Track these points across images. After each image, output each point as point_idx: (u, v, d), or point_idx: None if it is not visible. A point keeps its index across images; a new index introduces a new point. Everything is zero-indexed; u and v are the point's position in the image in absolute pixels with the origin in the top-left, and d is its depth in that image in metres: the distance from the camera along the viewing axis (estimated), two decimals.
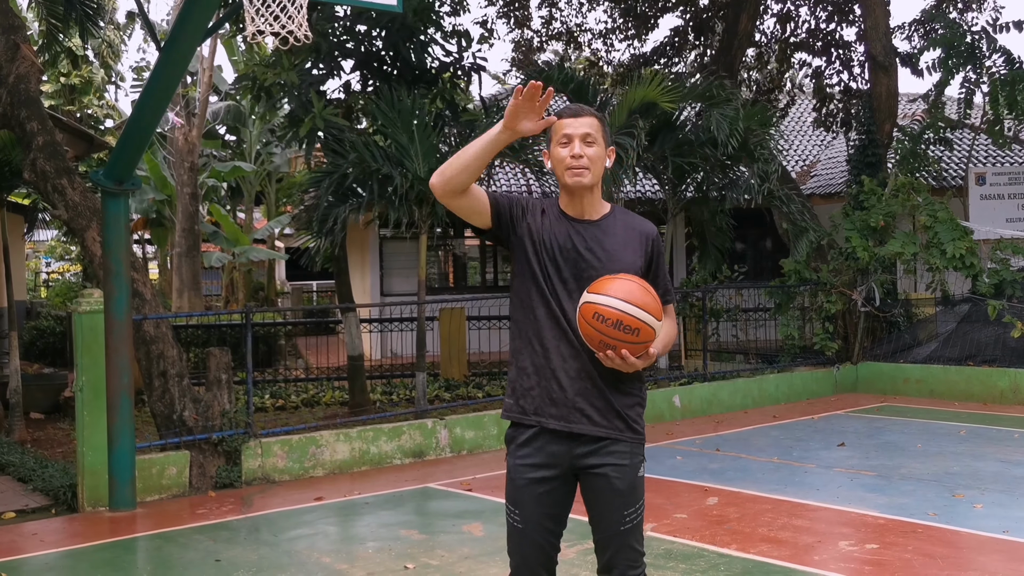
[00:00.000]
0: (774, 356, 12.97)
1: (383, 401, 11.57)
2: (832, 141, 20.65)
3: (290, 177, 24.80)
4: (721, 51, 15.43)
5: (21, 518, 6.96)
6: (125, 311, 7.09)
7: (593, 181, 3.03)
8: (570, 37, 18.68)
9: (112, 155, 7.35)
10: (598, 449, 2.99)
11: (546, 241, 3.02)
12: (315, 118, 9.59)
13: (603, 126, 3.06)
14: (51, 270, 35.41)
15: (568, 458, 3.00)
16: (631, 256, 3.03)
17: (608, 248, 3.02)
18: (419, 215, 9.70)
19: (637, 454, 3.03)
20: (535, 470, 3.01)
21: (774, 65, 17.99)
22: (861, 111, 14.58)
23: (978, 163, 17.66)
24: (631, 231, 3.07)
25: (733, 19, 15.18)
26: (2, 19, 8.11)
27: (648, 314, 2.86)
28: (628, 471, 3.00)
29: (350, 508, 7.08)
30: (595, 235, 3.04)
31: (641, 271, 3.03)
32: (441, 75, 10.71)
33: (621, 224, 3.08)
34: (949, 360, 11.92)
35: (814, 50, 17.24)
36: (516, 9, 17.53)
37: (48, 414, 11.43)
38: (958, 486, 7.10)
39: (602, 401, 2.99)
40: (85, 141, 11.44)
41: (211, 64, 18.87)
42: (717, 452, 8.68)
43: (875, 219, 12.08)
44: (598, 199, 3.09)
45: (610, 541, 3.02)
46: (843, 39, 17.02)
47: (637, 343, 2.86)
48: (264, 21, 5.24)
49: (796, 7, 17.32)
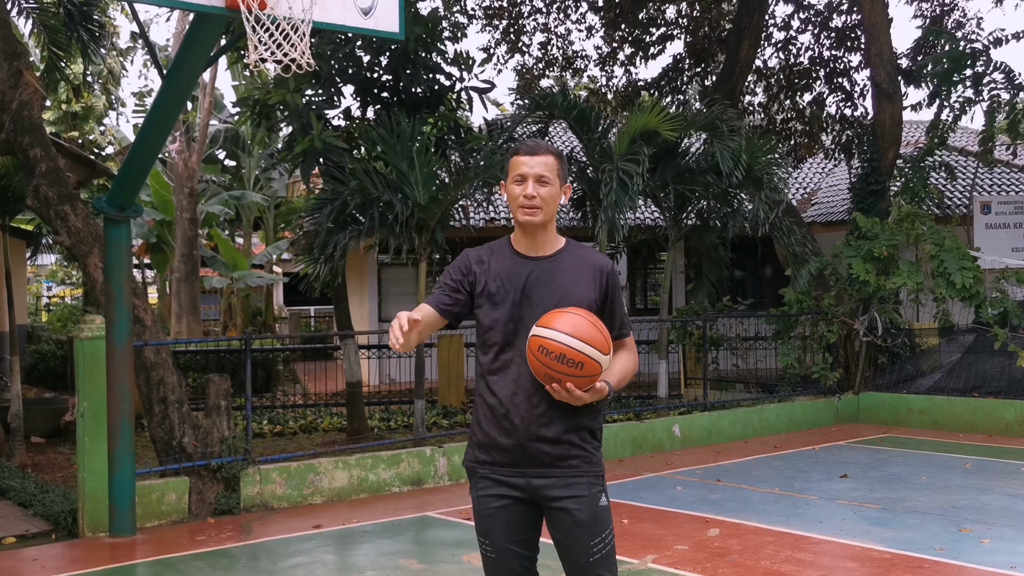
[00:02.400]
0: (774, 385, 12.92)
1: (381, 428, 11.53)
2: (833, 168, 20.61)
3: (289, 203, 24.89)
4: (722, 78, 15.49)
5: (22, 543, 6.94)
6: (126, 337, 7.08)
7: (545, 219, 3.09)
8: (567, 63, 18.77)
9: (115, 182, 7.37)
10: (555, 483, 3.03)
11: (497, 284, 3.08)
12: (314, 139, 9.64)
13: (559, 164, 3.11)
14: (52, 294, 35.40)
15: (528, 489, 3.06)
16: (584, 290, 3.06)
17: (560, 283, 3.06)
18: (419, 242, 9.71)
19: (595, 484, 3.05)
20: (498, 500, 3.08)
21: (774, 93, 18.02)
22: (864, 138, 14.51)
23: (983, 191, 17.55)
24: (584, 265, 3.11)
25: (735, 46, 15.25)
26: (5, 46, 8.15)
27: (593, 348, 2.89)
28: (588, 502, 3.02)
29: (349, 536, 7.03)
30: (548, 270, 3.09)
31: (596, 305, 3.06)
32: (442, 99, 10.75)
33: (575, 259, 3.12)
34: (953, 391, 11.75)
35: (816, 77, 17.28)
36: (512, 34, 17.62)
37: (49, 438, 11.40)
38: (964, 520, 7.02)
39: (553, 432, 3.01)
40: (87, 167, 11.48)
41: (212, 89, 18.96)
42: (718, 482, 8.62)
43: (879, 248, 11.95)
44: (552, 235, 3.15)
45: (580, 573, 3.06)
46: (847, 66, 17.04)
47: (581, 377, 2.89)
48: (267, 48, 5.26)
49: (798, 34, 17.40)
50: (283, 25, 5.25)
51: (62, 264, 29.42)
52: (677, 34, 17.79)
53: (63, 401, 12.11)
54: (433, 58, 10.47)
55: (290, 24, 5.27)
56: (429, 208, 9.37)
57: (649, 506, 7.71)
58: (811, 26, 17.17)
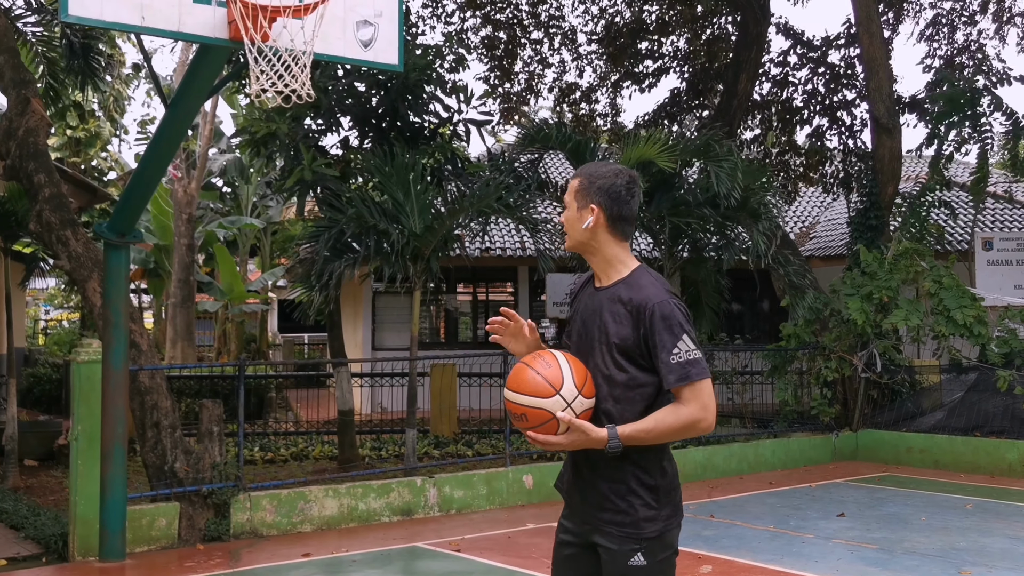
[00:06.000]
0: (770, 420, 12.82)
1: (372, 457, 11.50)
2: (832, 202, 20.61)
3: (284, 230, 24.99)
4: (720, 111, 15.60)
5: (12, 566, 6.93)
6: (122, 362, 7.10)
7: (572, 244, 2.99)
8: (562, 95, 18.91)
9: (116, 208, 7.43)
10: (593, 529, 2.91)
11: (575, 320, 3.03)
12: (304, 170, 9.70)
13: (578, 185, 2.96)
14: (50, 318, 35.38)
15: (582, 531, 2.96)
16: (623, 331, 2.84)
17: (604, 318, 2.89)
18: (414, 271, 9.75)
19: (627, 542, 2.83)
20: (563, 531, 3.02)
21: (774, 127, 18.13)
22: (863, 173, 14.49)
23: (985, 228, 17.32)
24: (629, 302, 2.86)
25: (732, 80, 15.36)
26: (13, 74, 8.26)
27: (530, 396, 2.80)
28: (617, 556, 2.84)
29: (337, 565, 7.01)
30: (600, 303, 2.93)
31: (639, 347, 2.83)
32: (439, 131, 10.83)
33: (623, 291, 2.88)
34: (955, 430, 11.49)
35: (813, 113, 17.39)
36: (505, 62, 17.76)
37: (42, 461, 11.39)
38: (964, 563, 6.90)
39: (586, 484, 2.93)
40: (88, 193, 11.56)
41: (212, 118, 19.11)
42: (711, 519, 8.56)
43: (878, 293, 11.76)
44: (606, 262, 2.95)
45: None
46: (844, 100, 17.15)
47: (529, 427, 2.84)
48: (268, 80, 5.33)
49: (794, 70, 17.53)
50: (284, 57, 5.32)
51: (61, 288, 29.43)
52: (675, 67, 17.93)
53: (57, 424, 12.09)
54: (432, 90, 10.56)
55: (291, 56, 5.34)
56: (424, 237, 9.42)
57: None
58: (806, 61, 17.31)
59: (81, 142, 25.31)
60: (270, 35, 5.32)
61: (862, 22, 14.02)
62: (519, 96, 18.37)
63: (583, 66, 18.58)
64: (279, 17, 5.31)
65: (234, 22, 5.27)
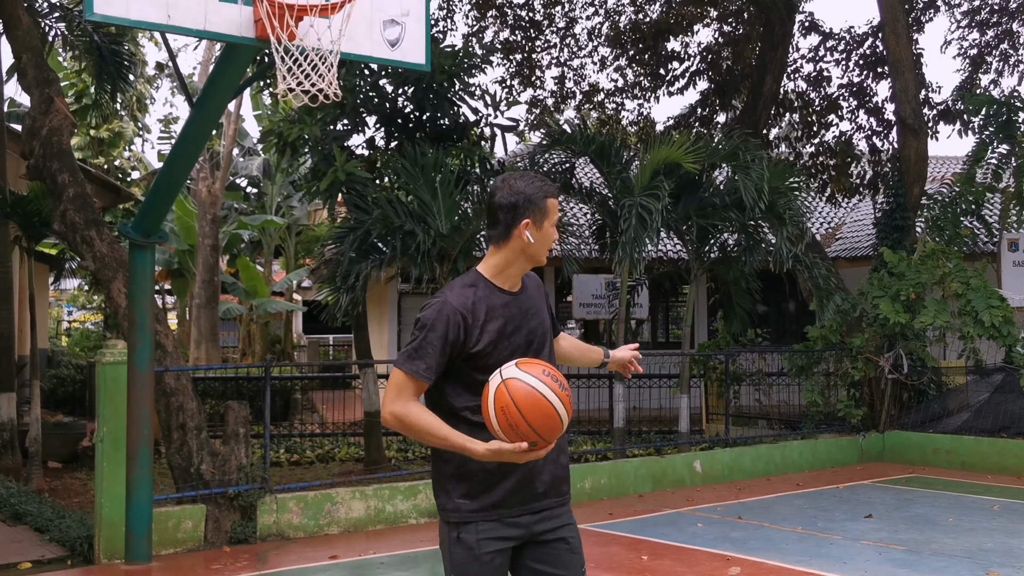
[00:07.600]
0: (798, 422, 12.74)
1: (399, 458, 11.46)
2: (858, 203, 20.48)
3: (309, 230, 25.01)
4: (745, 112, 15.49)
5: (37, 568, 6.90)
6: (148, 363, 7.07)
7: None
8: (586, 97, 18.82)
9: (141, 208, 7.41)
10: (549, 515, 3.02)
11: (493, 327, 2.99)
12: (337, 171, 9.66)
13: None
14: (73, 319, 35.59)
15: (528, 529, 3.01)
16: (544, 311, 3.17)
17: (539, 310, 3.13)
18: (440, 271, 9.70)
19: None
20: (501, 542, 2.98)
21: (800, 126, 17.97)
22: (890, 174, 14.40)
23: (1012, 228, 17.31)
24: (536, 289, 3.17)
25: (758, 80, 15.26)
26: (37, 73, 8.26)
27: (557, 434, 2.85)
28: (575, 529, 3.08)
29: (365, 568, 6.97)
30: (526, 302, 3.10)
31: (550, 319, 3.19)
32: (466, 133, 10.78)
33: (532, 286, 3.16)
34: (981, 431, 11.51)
35: (841, 113, 17.24)
36: (526, 68, 17.70)
37: (66, 464, 11.37)
38: (992, 564, 6.87)
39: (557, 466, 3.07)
40: (112, 192, 11.59)
41: (236, 118, 19.14)
42: (739, 520, 8.50)
43: (906, 291, 11.72)
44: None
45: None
46: (873, 101, 17.00)
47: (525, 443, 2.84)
48: (295, 79, 5.28)
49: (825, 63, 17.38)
50: (311, 56, 5.27)
51: (84, 289, 29.59)
52: (703, 68, 17.79)
53: (81, 426, 12.11)
54: (458, 91, 10.51)
55: (318, 55, 5.29)
56: (451, 238, 9.37)
57: (669, 543, 7.61)
58: (837, 54, 17.15)
59: (104, 142, 25.42)
60: (296, 34, 5.27)
61: (888, 23, 13.88)
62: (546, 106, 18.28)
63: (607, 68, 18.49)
64: (305, 16, 5.25)
65: (260, 21, 5.21)
